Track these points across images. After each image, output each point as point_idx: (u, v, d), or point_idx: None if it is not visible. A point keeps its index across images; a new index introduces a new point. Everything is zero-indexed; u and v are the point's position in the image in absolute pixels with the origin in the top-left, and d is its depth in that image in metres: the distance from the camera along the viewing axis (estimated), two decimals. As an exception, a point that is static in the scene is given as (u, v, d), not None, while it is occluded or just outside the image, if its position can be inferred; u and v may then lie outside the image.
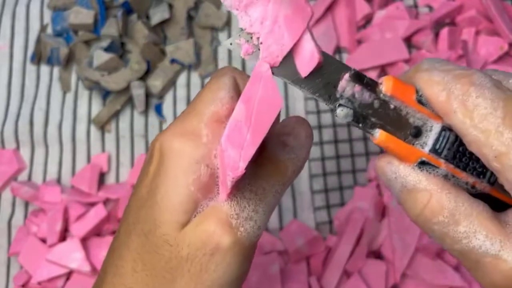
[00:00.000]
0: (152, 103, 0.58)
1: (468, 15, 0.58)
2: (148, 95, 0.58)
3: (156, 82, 0.57)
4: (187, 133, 0.26)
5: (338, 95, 0.25)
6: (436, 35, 0.58)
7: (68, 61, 0.59)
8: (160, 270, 0.26)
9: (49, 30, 0.61)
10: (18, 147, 0.57)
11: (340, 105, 0.25)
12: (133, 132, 0.57)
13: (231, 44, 0.26)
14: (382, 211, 0.53)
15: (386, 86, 0.25)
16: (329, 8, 0.60)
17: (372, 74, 0.58)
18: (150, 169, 0.27)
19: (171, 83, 0.59)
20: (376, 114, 0.25)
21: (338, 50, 0.60)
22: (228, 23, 0.61)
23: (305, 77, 0.25)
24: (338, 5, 0.60)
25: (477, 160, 0.25)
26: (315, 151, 0.56)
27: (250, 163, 0.24)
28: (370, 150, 0.57)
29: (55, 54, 0.58)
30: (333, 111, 0.25)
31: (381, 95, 0.25)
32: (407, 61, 0.57)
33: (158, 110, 0.58)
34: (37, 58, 0.59)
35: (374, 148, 0.56)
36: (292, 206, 0.55)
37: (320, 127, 0.57)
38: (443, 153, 0.25)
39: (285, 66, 0.25)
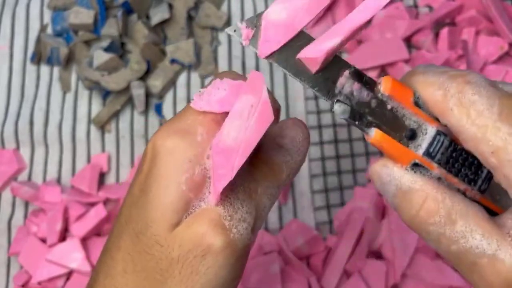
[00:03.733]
0: (152, 103, 0.58)
1: (468, 15, 0.58)
2: (148, 95, 0.58)
3: (156, 82, 0.57)
4: (182, 131, 0.26)
5: (336, 91, 0.25)
6: (436, 35, 0.58)
7: (68, 61, 0.59)
8: (150, 271, 0.25)
9: (49, 30, 0.61)
10: (18, 147, 0.57)
11: (338, 101, 0.25)
12: (133, 132, 0.57)
13: (235, 31, 0.26)
14: (382, 211, 0.53)
15: (384, 86, 0.25)
16: (329, 8, 0.60)
17: (372, 74, 0.57)
18: (144, 168, 0.26)
19: (171, 83, 0.59)
20: (373, 113, 0.25)
21: (338, 50, 0.60)
22: (228, 23, 0.61)
23: (306, 71, 0.25)
24: (338, 5, 0.60)
25: (470, 167, 0.25)
26: (315, 151, 0.56)
27: (245, 165, 0.24)
28: (370, 150, 0.57)
29: (55, 54, 0.58)
30: (331, 106, 0.25)
31: (379, 94, 0.25)
32: (407, 61, 0.57)
33: (158, 110, 0.58)
34: (37, 58, 0.59)
35: (374, 148, 0.56)
36: (292, 206, 0.55)
37: (320, 127, 0.57)
38: (437, 157, 0.25)
39: (287, 55, 0.25)
